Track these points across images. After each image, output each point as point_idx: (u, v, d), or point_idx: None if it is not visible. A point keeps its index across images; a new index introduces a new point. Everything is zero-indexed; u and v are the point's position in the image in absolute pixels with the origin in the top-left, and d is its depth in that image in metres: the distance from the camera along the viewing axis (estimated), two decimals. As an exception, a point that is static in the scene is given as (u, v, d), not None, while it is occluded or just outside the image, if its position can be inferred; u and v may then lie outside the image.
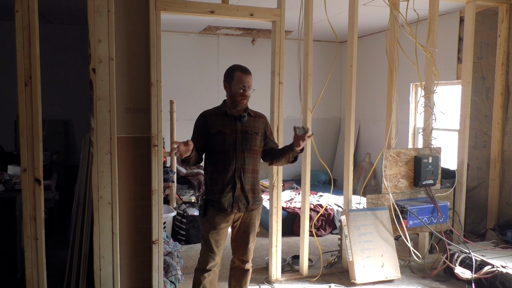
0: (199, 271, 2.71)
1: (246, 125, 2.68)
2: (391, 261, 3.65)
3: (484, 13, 4.46)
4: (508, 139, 4.28)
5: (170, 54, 6.21)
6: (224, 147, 2.62)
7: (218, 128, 2.64)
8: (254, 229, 2.78)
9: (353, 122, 3.70)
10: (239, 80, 2.64)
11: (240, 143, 2.64)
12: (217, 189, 2.63)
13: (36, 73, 2.72)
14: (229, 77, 2.68)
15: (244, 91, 2.64)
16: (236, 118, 2.68)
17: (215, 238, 2.66)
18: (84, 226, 3.16)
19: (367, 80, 6.51)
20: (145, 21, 3.03)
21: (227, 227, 2.71)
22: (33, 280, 2.80)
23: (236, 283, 2.87)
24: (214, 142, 2.64)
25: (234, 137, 2.64)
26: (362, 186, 5.69)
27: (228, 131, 2.64)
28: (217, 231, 2.65)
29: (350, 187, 3.73)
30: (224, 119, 2.67)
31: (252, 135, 2.69)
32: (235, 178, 2.62)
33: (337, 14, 4.88)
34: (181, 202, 5.07)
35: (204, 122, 2.68)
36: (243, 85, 2.64)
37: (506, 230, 3.96)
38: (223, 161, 2.63)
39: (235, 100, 2.66)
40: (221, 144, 2.63)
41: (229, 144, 2.63)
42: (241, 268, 2.82)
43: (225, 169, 2.62)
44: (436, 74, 3.89)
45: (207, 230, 2.66)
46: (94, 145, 2.93)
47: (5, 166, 4.10)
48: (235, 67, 2.71)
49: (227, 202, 2.61)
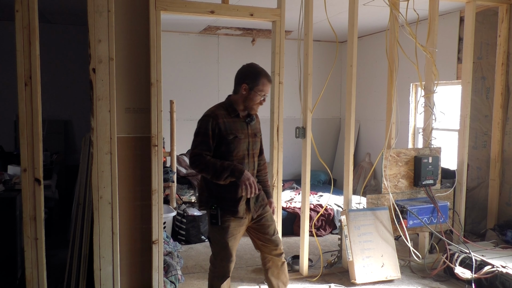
0: (219, 279, 2.61)
1: (253, 128, 2.61)
2: (391, 261, 3.65)
3: (484, 13, 4.46)
4: (508, 139, 4.28)
5: (170, 54, 6.21)
6: (239, 153, 2.53)
7: (234, 133, 2.50)
8: (273, 219, 2.71)
9: (353, 122, 3.69)
10: (263, 88, 2.52)
11: (251, 148, 2.58)
12: (231, 197, 2.51)
13: (36, 73, 2.72)
14: (252, 81, 2.52)
15: (264, 99, 2.56)
16: (245, 121, 2.58)
17: (233, 244, 2.57)
18: (84, 226, 3.16)
19: (367, 80, 6.51)
20: (145, 21, 3.03)
21: (242, 231, 2.63)
22: (33, 280, 2.80)
23: (277, 280, 2.75)
24: (229, 147, 2.49)
25: (247, 142, 2.56)
26: (362, 186, 5.69)
27: (243, 136, 2.54)
28: (234, 236, 2.57)
29: (350, 187, 3.73)
30: (236, 122, 2.55)
31: (258, 138, 2.64)
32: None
33: (337, 14, 4.88)
34: (181, 202, 5.08)
35: (216, 124, 2.47)
36: (265, 94, 2.54)
37: (506, 230, 3.96)
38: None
39: (250, 106, 2.55)
40: (237, 150, 2.51)
41: (244, 150, 2.55)
42: (277, 263, 2.71)
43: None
44: (436, 74, 3.89)
45: (224, 237, 2.53)
46: (94, 145, 2.93)
47: (5, 166, 4.10)
48: (262, 73, 2.55)
49: (242, 210, 2.55)
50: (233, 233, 2.56)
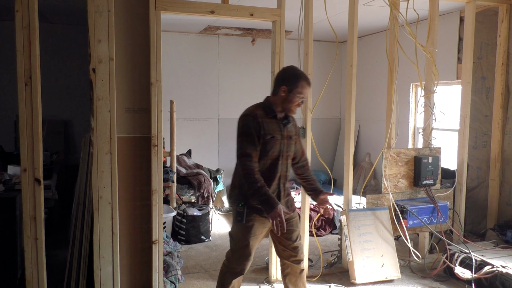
0: (232, 275, 2.62)
1: (289, 130, 2.61)
2: (391, 261, 3.65)
3: (484, 13, 4.46)
4: (508, 139, 4.28)
5: (170, 54, 6.21)
6: (274, 154, 2.54)
7: (271, 134, 2.52)
8: (298, 225, 2.71)
9: (353, 122, 3.69)
10: (302, 90, 2.52)
11: (285, 150, 2.58)
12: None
13: (36, 73, 2.71)
14: (291, 82, 2.53)
15: (302, 102, 2.56)
16: (282, 122, 2.59)
17: (253, 243, 2.59)
18: (84, 226, 3.16)
19: (367, 80, 6.51)
20: (145, 21, 3.03)
21: (266, 232, 2.66)
22: (33, 280, 2.80)
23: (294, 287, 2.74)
24: (266, 147, 2.51)
25: (282, 143, 2.56)
26: (362, 186, 5.69)
27: (279, 137, 2.55)
28: (256, 236, 2.58)
29: (350, 187, 3.73)
30: (273, 123, 2.55)
31: (293, 141, 2.64)
32: (279, 186, 2.58)
33: (337, 14, 4.88)
34: (181, 202, 5.08)
35: (257, 124, 2.49)
36: (303, 96, 2.54)
37: (506, 230, 3.96)
38: (270, 168, 2.55)
39: (288, 108, 2.56)
40: (273, 150, 2.53)
41: (278, 151, 2.55)
42: (296, 270, 2.71)
43: (271, 176, 2.55)
44: (436, 74, 3.89)
45: (247, 236, 2.55)
46: (94, 145, 2.93)
47: (5, 166, 4.10)
48: (301, 75, 2.56)
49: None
50: (256, 233, 2.57)
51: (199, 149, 6.40)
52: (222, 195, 5.84)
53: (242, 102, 6.64)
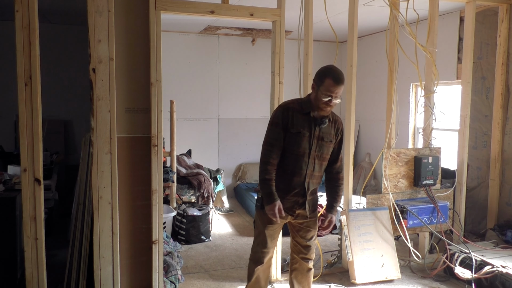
0: (253, 262, 2.71)
1: (324, 131, 2.56)
2: (391, 261, 3.65)
3: (484, 13, 4.46)
4: (508, 139, 4.28)
5: (170, 54, 6.21)
6: (299, 149, 2.52)
7: (298, 128, 2.51)
8: (315, 227, 2.71)
9: (353, 122, 3.70)
10: (328, 88, 2.45)
11: (314, 149, 2.55)
12: (282, 187, 2.55)
13: (36, 73, 2.71)
14: (319, 80, 2.51)
15: (329, 101, 2.46)
16: (316, 121, 2.54)
17: (270, 233, 2.63)
18: (84, 226, 3.16)
19: (367, 80, 6.51)
20: (145, 21, 3.03)
21: (283, 223, 2.66)
22: (33, 280, 2.80)
23: (298, 286, 2.76)
24: (291, 141, 2.51)
25: (310, 141, 2.53)
26: (362, 186, 5.69)
27: (308, 134, 2.52)
28: (273, 226, 2.62)
29: (350, 187, 3.73)
30: (305, 119, 2.53)
31: (327, 143, 2.58)
32: (304, 184, 2.56)
33: (337, 14, 4.88)
34: (181, 202, 5.08)
35: (287, 116, 2.51)
36: (330, 95, 2.45)
37: (506, 230, 3.96)
38: (294, 163, 2.54)
39: (317, 105, 2.51)
40: (298, 145, 2.52)
41: (305, 148, 2.53)
42: (303, 267, 2.72)
43: (296, 172, 2.54)
44: (436, 74, 3.89)
45: (264, 224, 2.62)
46: (94, 145, 2.93)
47: (5, 166, 4.10)
48: (329, 72, 2.50)
49: (289, 204, 2.57)
50: (272, 222, 2.59)
51: (199, 149, 6.40)
52: (222, 195, 5.84)
53: (242, 102, 6.68)
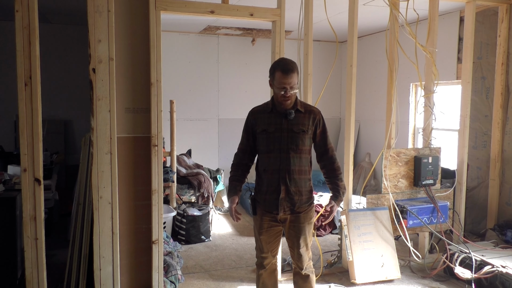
0: (257, 267, 2.75)
1: (293, 123, 2.50)
2: (391, 261, 3.65)
3: (484, 13, 4.46)
4: (508, 139, 4.28)
5: (170, 54, 6.21)
6: (268, 146, 2.52)
7: (263, 127, 2.53)
8: (305, 233, 2.59)
9: (353, 122, 3.70)
10: (279, 81, 2.43)
11: (285, 143, 2.50)
12: (262, 189, 2.56)
13: (36, 73, 2.72)
14: (271, 75, 2.51)
15: (285, 93, 2.43)
16: (283, 115, 2.51)
17: (264, 238, 2.61)
18: (84, 226, 3.16)
19: (367, 80, 6.51)
20: (145, 21, 3.03)
21: (277, 227, 2.61)
22: (33, 280, 2.80)
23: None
24: (259, 141, 2.55)
25: (279, 136, 2.50)
26: (362, 186, 5.69)
27: (273, 130, 2.50)
28: (265, 230, 2.59)
29: (350, 187, 3.73)
30: (270, 117, 2.53)
31: (299, 134, 2.50)
32: (280, 179, 2.50)
33: (337, 14, 4.88)
34: (181, 202, 5.08)
35: (252, 119, 2.58)
36: (284, 86, 2.42)
37: (506, 230, 3.96)
38: (267, 161, 2.53)
39: (278, 100, 2.50)
40: (266, 143, 2.52)
41: (274, 144, 2.50)
42: (300, 274, 2.68)
43: (270, 169, 2.52)
44: (436, 74, 3.89)
45: (257, 229, 2.63)
46: (94, 145, 2.93)
47: (5, 166, 4.10)
48: (277, 65, 2.48)
49: (272, 204, 2.53)
50: (264, 227, 2.59)
51: (199, 149, 6.40)
52: (222, 195, 5.84)
53: (242, 102, 6.68)
